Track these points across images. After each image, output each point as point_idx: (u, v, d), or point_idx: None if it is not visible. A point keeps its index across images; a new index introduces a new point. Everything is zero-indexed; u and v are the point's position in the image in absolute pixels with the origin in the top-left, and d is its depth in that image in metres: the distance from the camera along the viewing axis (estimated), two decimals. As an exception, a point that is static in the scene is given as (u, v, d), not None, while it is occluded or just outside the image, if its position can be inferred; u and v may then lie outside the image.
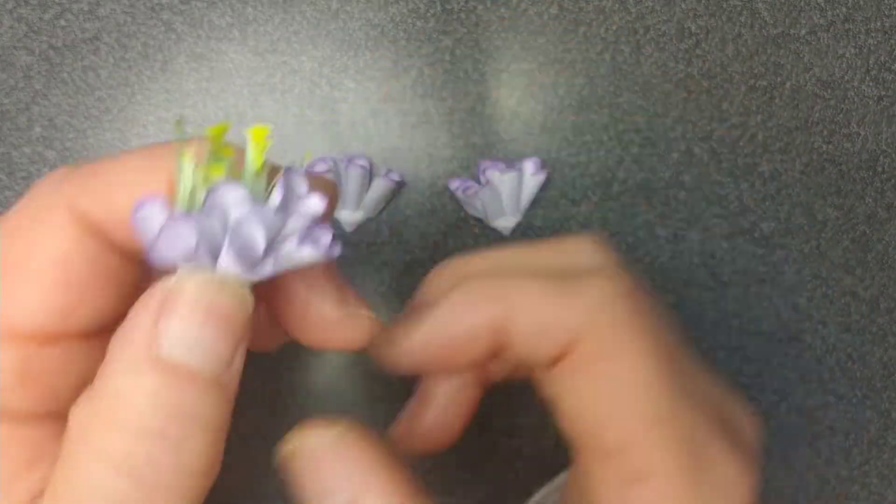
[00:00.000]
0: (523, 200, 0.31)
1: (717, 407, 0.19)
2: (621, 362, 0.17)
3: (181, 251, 0.13)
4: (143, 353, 0.14)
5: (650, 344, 0.17)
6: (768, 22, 0.32)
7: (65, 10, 0.31)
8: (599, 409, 0.17)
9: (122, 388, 0.14)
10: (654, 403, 0.17)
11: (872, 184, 0.32)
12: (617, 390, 0.17)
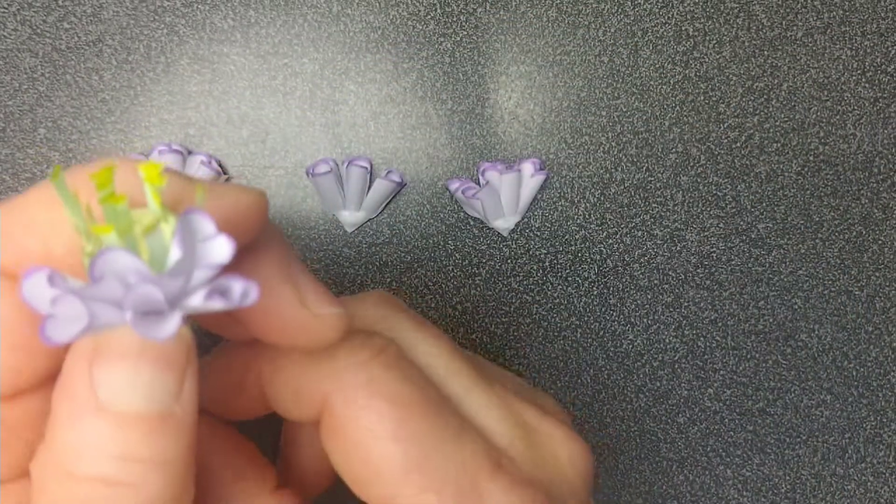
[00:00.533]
0: (522, 201, 0.31)
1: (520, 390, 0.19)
2: (368, 418, 0.17)
3: (75, 332, 0.12)
4: (83, 403, 0.13)
5: (400, 410, 0.17)
6: (765, 24, 0.32)
7: (68, 13, 0.31)
8: (358, 468, 0.17)
9: (69, 439, 0.13)
10: (406, 452, 0.16)
11: (868, 185, 0.32)
12: (368, 446, 0.17)
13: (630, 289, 0.32)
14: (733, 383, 0.32)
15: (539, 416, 0.18)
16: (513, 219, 0.31)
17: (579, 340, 0.32)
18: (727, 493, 0.32)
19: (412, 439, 0.16)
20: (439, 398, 0.17)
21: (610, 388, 0.32)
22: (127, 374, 0.13)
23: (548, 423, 0.18)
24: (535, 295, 0.32)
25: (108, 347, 0.13)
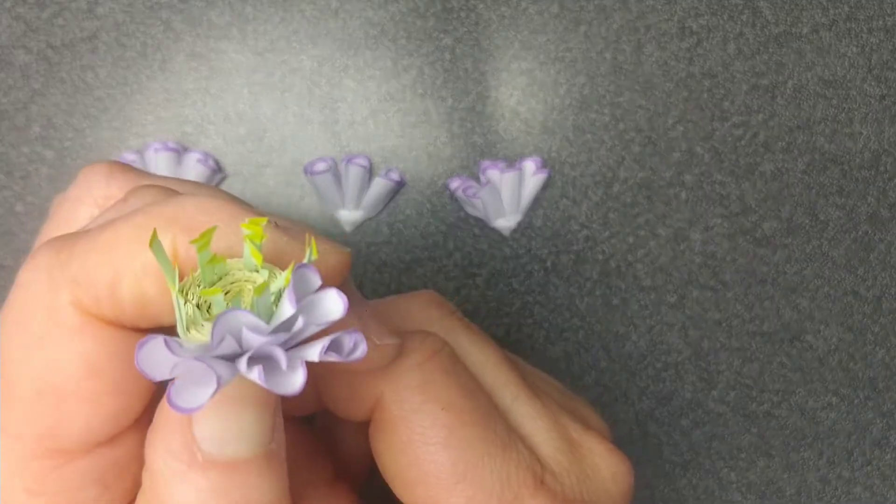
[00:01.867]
0: (524, 200, 0.31)
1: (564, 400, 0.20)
2: (421, 422, 0.17)
3: (206, 396, 0.12)
4: (185, 458, 0.13)
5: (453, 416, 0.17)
6: (770, 20, 0.32)
7: (63, 9, 0.31)
8: (405, 470, 0.17)
9: (179, 497, 0.13)
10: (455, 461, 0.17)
11: (875, 183, 0.32)
12: (418, 450, 0.17)
13: (633, 289, 0.31)
14: (738, 385, 0.32)
15: (582, 429, 0.19)
16: (514, 218, 0.31)
17: (581, 342, 0.31)
18: (731, 496, 0.32)
19: (461, 448, 0.17)
20: (489, 406, 0.18)
21: (613, 390, 0.31)
22: (228, 422, 0.13)
23: (591, 438, 0.19)
24: (537, 295, 0.31)
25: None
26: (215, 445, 0.13)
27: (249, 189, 0.31)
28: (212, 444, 0.13)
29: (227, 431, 0.13)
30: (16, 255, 0.30)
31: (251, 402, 0.14)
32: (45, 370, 0.14)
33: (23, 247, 0.30)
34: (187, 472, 0.13)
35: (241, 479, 0.13)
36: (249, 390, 0.13)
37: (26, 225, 0.30)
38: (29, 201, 0.31)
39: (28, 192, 0.30)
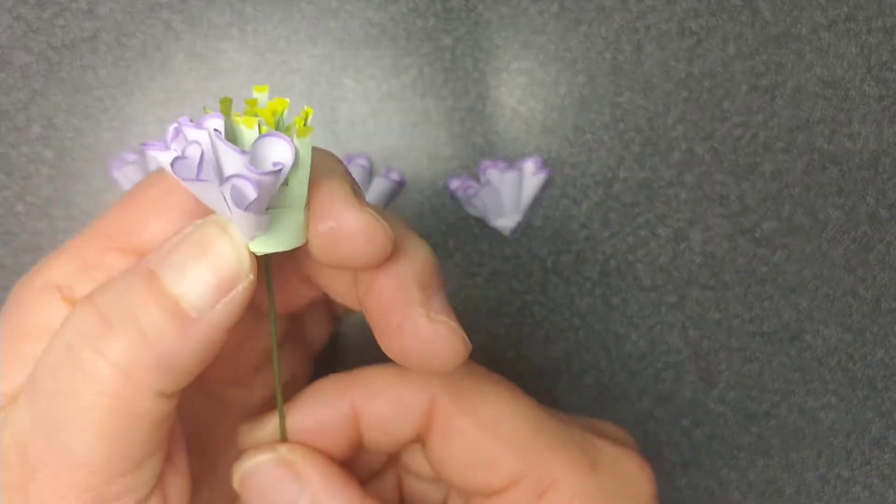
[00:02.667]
0: (524, 200, 0.31)
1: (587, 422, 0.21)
2: (480, 414, 0.18)
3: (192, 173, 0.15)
4: (145, 263, 0.16)
5: (503, 389, 0.19)
6: (770, 21, 0.32)
7: (63, 9, 0.31)
8: (485, 451, 0.18)
9: (115, 279, 0.16)
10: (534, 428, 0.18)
11: (874, 183, 0.32)
12: (485, 437, 0.18)
13: (633, 289, 0.31)
14: (738, 385, 0.32)
15: (611, 444, 0.19)
16: (514, 218, 0.31)
17: (581, 342, 0.31)
18: (731, 496, 0.32)
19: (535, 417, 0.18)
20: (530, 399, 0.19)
21: (613, 390, 0.31)
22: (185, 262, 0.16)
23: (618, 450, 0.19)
24: (537, 295, 0.31)
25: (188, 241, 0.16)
26: (166, 266, 0.16)
27: (249, 189, 0.31)
28: (164, 263, 0.16)
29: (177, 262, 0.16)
30: (15, 255, 0.30)
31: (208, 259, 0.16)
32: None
33: (23, 247, 0.30)
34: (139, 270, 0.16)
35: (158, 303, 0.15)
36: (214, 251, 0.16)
37: (26, 225, 0.30)
38: (29, 201, 0.30)
39: (28, 192, 0.30)
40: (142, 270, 0.16)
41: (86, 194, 0.30)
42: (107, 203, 0.31)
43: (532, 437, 0.18)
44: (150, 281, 0.16)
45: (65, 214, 0.30)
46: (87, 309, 0.16)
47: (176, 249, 0.16)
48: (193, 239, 0.16)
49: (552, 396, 0.31)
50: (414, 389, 0.19)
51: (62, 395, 0.15)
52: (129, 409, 0.15)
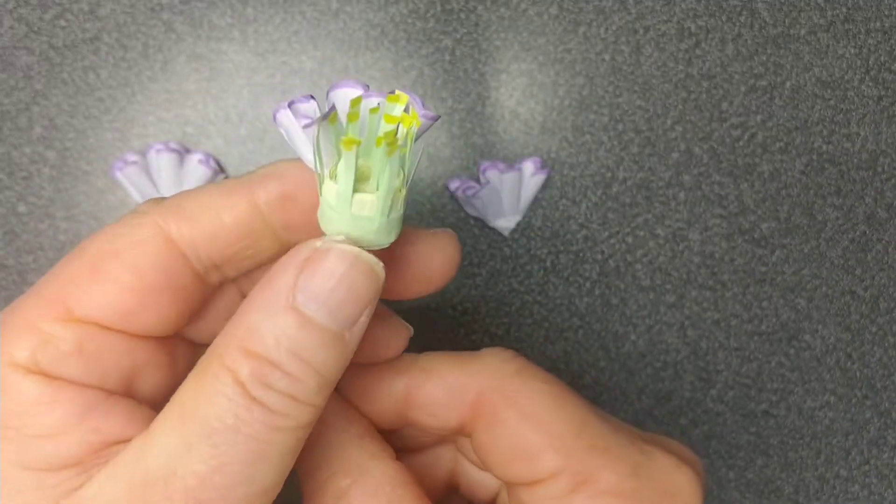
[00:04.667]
0: (523, 200, 0.31)
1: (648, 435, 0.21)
2: (527, 404, 0.19)
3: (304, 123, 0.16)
4: (281, 299, 0.16)
5: (551, 387, 0.19)
6: (768, 22, 0.32)
7: (65, 11, 0.31)
8: (526, 444, 0.19)
9: (256, 323, 0.16)
10: (571, 425, 0.19)
11: (872, 184, 0.32)
12: (531, 427, 0.19)
13: (632, 289, 0.32)
14: (736, 384, 0.32)
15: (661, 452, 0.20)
16: (514, 218, 0.31)
17: (581, 341, 0.31)
18: (730, 495, 0.32)
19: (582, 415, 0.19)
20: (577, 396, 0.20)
21: (612, 389, 0.31)
22: (325, 290, 0.16)
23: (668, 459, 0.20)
24: (537, 295, 0.31)
25: (319, 263, 0.16)
26: (307, 299, 0.16)
27: (250, 189, 0.31)
28: (305, 297, 0.16)
29: (320, 296, 0.16)
30: (17, 256, 0.31)
31: (349, 284, 0.16)
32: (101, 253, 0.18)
33: (24, 247, 0.31)
34: (276, 306, 0.16)
35: (309, 337, 0.16)
36: (352, 274, 0.16)
37: (28, 225, 0.31)
38: (31, 202, 0.31)
39: (30, 193, 0.31)
40: (277, 309, 0.16)
41: (87, 195, 0.31)
42: (108, 203, 0.31)
43: (574, 434, 0.19)
44: (297, 317, 0.16)
45: (66, 215, 0.31)
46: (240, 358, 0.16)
47: (306, 280, 0.16)
48: (321, 266, 0.16)
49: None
50: (466, 379, 0.20)
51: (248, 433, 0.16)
52: (308, 432, 0.17)
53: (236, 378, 0.16)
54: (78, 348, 0.17)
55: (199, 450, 0.16)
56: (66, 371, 0.17)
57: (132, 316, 0.18)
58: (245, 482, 0.16)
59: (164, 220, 0.18)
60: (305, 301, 0.16)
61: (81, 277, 0.17)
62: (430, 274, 0.19)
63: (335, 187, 0.17)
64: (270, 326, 0.16)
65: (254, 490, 0.16)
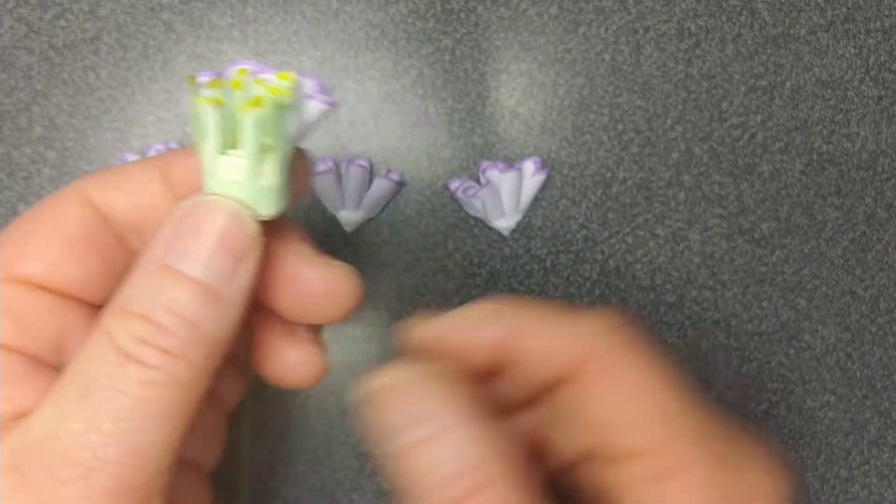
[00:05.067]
0: (523, 200, 0.31)
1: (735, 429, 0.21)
2: (634, 374, 0.18)
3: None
4: (156, 260, 0.17)
5: (657, 360, 0.19)
6: (768, 22, 0.32)
7: (65, 11, 0.31)
8: (619, 416, 0.18)
9: (132, 284, 0.17)
10: (672, 407, 0.18)
11: (872, 184, 0.32)
12: (633, 398, 0.18)
13: (632, 289, 0.32)
14: (736, 385, 0.32)
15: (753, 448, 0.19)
16: (514, 218, 0.31)
17: (581, 341, 0.31)
18: (730, 495, 0.32)
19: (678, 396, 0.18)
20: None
21: (612, 389, 0.31)
22: (194, 245, 0.17)
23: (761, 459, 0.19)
24: (536, 295, 0.31)
25: (189, 221, 0.17)
26: (176, 257, 0.17)
27: (250, 189, 0.31)
28: (175, 255, 0.17)
29: (190, 252, 0.17)
30: (18, 256, 0.31)
31: (215, 239, 0.17)
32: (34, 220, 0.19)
33: (25, 247, 0.31)
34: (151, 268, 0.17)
35: (182, 292, 0.17)
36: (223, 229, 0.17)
37: (28, 225, 0.31)
38: (31, 202, 0.31)
39: (30, 193, 0.31)
40: (152, 268, 0.17)
41: (87, 195, 0.31)
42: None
43: (674, 418, 0.18)
44: (169, 273, 0.17)
45: (67, 215, 0.31)
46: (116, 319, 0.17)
47: (177, 237, 0.17)
48: (189, 222, 0.17)
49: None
50: (573, 335, 0.19)
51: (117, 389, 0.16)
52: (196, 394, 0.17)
53: (111, 338, 0.16)
54: (8, 307, 0.18)
55: (75, 411, 0.16)
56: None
57: (57, 268, 0.18)
58: (120, 442, 0.16)
59: (87, 188, 0.19)
60: (176, 257, 0.17)
61: (12, 237, 0.19)
62: (320, 302, 0.20)
63: (207, 149, 0.18)
64: (144, 284, 0.17)
65: (129, 450, 0.16)
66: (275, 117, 0.17)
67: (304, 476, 0.31)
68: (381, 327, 0.31)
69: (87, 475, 0.16)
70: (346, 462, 0.31)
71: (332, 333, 0.31)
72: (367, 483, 0.31)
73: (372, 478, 0.31)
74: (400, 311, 0.31)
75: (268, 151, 0.18)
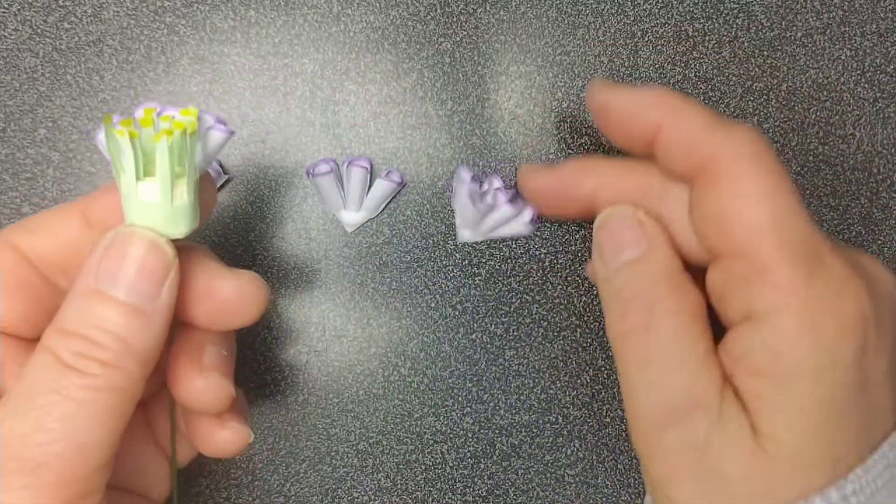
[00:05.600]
0: (491, 222, 0.31)
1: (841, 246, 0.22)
2: (755, 183, 0.20)
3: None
4: (87, 286, 0.20)
5: (778, 180, 0.20)
6: (764, 25, 0.32)
7: (69, 13, 0.31)
8: (730, 217, 0.20)
9: (68, 307, 0.20)
10: (780, 216, 0.20)
11: (867, 185, 0.32)
12: (746, 204, 0.20)
13: (630, 289, 0.32)
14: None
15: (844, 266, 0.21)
16: (473, 234, 0.31)
17: (579, 340, 0.32)
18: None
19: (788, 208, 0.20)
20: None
21: (609, 387, 0.32)
22: (119, 271, 0.20)
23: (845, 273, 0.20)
24: (535, 294, 0.32)
25: (114, 249, 0.20)
26: (105, 281, 0.19)
27: (252, 191, 0.31)
28: (104, 280, 0.19)
29: (116, 276, 0.20)
30: (22, 256, 0.31)
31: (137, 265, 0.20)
32: None
33: (29, 247, 0.31)
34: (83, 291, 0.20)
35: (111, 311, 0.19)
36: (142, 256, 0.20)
37: (33, 226, 0.31)
38: (35, 203, 0.31)
39: (34, 194, 0.31)
40: (85, 293, 0.20)
41: (91, 196, 0.31)
42: (112, 204, 0.31)
43: (772, 226, 0.20)
44: (100, 297, 0.19)
45: (71, 215, 0.31)
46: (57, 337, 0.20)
47: (104, 264, 0.20)
48: (113, 251, 0.20)
49: (550, 394, 0.31)
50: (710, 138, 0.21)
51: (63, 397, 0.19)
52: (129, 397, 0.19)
53: (52, 352, 0.19)
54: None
55: (23, 413, 0.18)
56: None
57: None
58: (64, 438, 0.18)
59: (13, 235, 0.22)
60: (104, 282, 0.19)
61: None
62: (230, 307, 0.22)
63: (125, 178, 0.20)
64: (78, 307, 0.19)
65: (72, 446, 0.18)
66: (182, 144, 0.20)
67: (306, 474, 0.31)
68: (381, 327, 0.31)
69: (36, 469, 0.18)
70: (346, 460, 0.31)
71: (333, 334, 0.31)
72: (368, 480, 0.31)
73: (373, 475, 0.31)
74: (400, 311, 0.31)
75: (179, 176, 0.20)
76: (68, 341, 0.19)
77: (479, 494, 0.31)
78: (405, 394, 0.31)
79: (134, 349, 0.19)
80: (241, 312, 0.22)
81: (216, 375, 0.22)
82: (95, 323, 0.19)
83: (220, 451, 0.24)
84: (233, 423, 0.24)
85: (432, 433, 0.31)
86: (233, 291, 0.22)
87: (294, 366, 0.31)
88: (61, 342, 0.19)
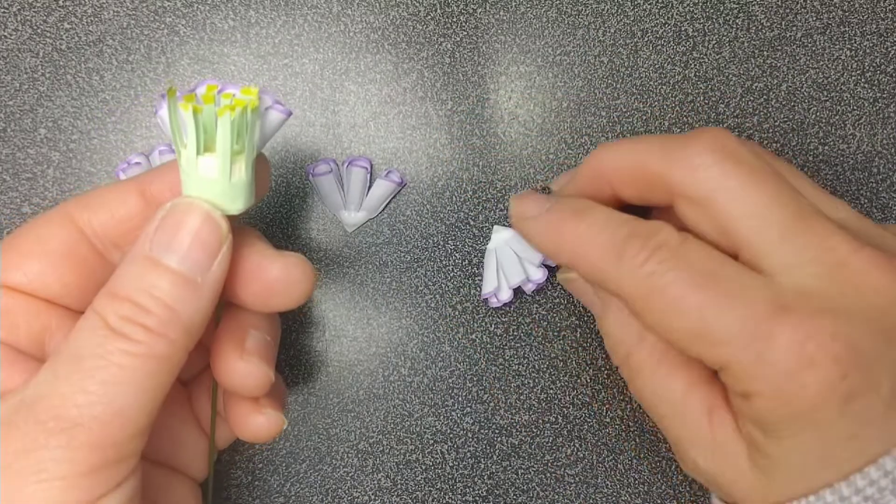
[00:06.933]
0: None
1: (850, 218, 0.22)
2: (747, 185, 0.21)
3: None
4: (141, 253, 0.20)
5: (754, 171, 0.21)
6: (764, 25, 0.32)
7: (69, 14, 0.31)
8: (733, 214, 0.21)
9: (120, 272, 0.20)
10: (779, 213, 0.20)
11: (867, 185, 0.32)
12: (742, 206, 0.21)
13: (630, 289, 0.32)
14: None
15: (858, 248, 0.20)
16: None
17: (579, 340, 0.32)
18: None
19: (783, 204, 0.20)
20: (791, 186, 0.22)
21: (609, 387, 0.32)
22: (174, 240, 0.20)
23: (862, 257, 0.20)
24: (535, 294, 0.32)
25: (170, 218, 0.20)
26: (158, 249, 0.20)
27: (252, 190, 0.31)
28: (157, 248, 0.20)
29: (169, 245, 0.20)
30: (23, 256, 0.31)
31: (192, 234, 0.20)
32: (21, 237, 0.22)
33: (30, 247, 0.31)
34: (136, 258, 0.20)
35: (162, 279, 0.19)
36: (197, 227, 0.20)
37: (33, 226, 0.31)
38: (35, 203, 0.31)
39: (34, 194, 0.31)
40: (139, 259, 0.20)
41: (91, 196, 0.31)
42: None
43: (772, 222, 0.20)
44: (152, 264, 0.20)
45: (71, 215, 0.31)
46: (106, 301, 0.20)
47: (159, 233, 0.20)
48: (170, 220, 0.20)
49: (550, 394, 0.31)
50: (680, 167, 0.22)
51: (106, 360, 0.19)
52: (171, 367, 0.20)
53: (100, 316, 0.19)
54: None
55: (66, 375, 0.19)
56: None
57: (38, 278, 0.22)
58: (102, 402, 0.18)
59: (70, 209, 0.22)
60: (157, 249, 0.20)
61: (4, 250, 0.22)
62: (277, 287, 0.22)
63: (186, 153, 0.20)
64: (130, 272, 0.20)
65: (109, 410, 0.18)
66: (242, 122, 0.20)
67: (306, 474, 0.31)
68: (381, 327, 0.31)
69: (72, 429, 0.18)
70: (346, 459, 0.31)
71: (333, 334, 0.31)
72: (368, 480, 0.31)
73: (373, 475, 0.31)
74: (400, 311, 0.31)
75: (237, 153, 0.20)
76: (117, 305, 0.19)
77: (479, 494, 0.31)
78: (405, 394, 0.31)
79: (180, 319, 0.19)
80: (288, 293, 0.22)
81: (256, 360, 0.23)
82: (145, 289, 0.19)
83: (255, 436, 0.24)
84: (269, 410, 0.24)
85: (432, 433, 0.31)
86: (280, 272, 0.22)
87: (294, 366, 0.31)
88: (110, 306, 0.19)
